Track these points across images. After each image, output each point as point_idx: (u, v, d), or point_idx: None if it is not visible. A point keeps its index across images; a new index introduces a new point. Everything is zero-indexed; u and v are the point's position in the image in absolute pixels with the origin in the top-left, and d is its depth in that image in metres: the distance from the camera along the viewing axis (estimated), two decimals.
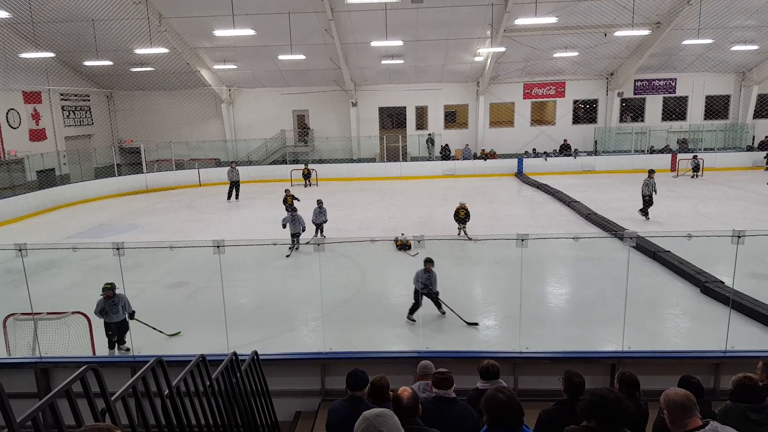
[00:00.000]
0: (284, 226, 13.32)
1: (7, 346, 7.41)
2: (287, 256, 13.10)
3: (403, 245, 13.14)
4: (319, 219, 14.38)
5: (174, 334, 8.73)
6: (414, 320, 8.82)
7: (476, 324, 8.81)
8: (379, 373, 4.06)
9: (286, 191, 16.93)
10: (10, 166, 21.37)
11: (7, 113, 21.35)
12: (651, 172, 16.30)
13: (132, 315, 8.20)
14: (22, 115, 22.16)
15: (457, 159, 26.73)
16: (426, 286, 8.84)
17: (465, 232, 14.17)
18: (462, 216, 14.17)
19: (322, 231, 14.52)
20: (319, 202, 14.64)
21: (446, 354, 6.32)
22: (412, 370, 5.87)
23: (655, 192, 15.75)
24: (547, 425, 3.66)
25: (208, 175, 25.09)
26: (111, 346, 8.09)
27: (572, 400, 3.69)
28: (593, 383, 4.02)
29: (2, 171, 21.02)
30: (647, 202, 15.80)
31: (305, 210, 16.12)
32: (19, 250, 6.40)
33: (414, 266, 11.76)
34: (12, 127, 21.55)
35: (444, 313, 9.13)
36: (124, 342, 8.26)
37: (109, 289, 7.98)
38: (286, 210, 16.04)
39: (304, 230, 13.37)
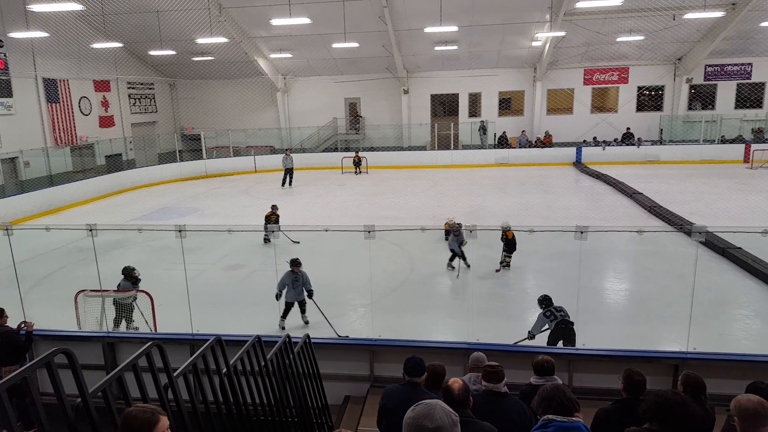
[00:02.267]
0: (278, 296, 8.40)
1: (78, 320, 7.89)
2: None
3: (450, 230, 11.87)
4: (455, 245, 11.18)
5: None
6: None
7: None
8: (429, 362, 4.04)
9: (272, 207, 13.85)
10: (82, 150, 22.74)
11: (80, 101, 22.65)
12: None
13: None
14: (93, 103, 23.47)
15: (513, 147, 26.09)
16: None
17: (507, 263, 11.13)
18: (510, 237, 10.90)
19: (464, 258, 11.23)
20: (456, 228, 11.29)
21: (498, 347, 6.20)
22: (462, 362, 5.83)
23: None
24: (605, 424, 3.53)
25: (263, 162, 25.70)
26: (116, 324, 8.31)
27: (632, 400, 3.55)
28: (654, 384, 3.85)
29: (75, 156, 22.37)
30: None
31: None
32: (90, 230, 6.78)
33: (466, 255, 11.61)
34: (84, 114, 22.88)
35: None
36: (133, 320, 8.52)
37: (131, 271, 8.41)
38: (265, 227, 12.47)
39: (310, 295, 8.51)
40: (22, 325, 6.22)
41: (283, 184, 21.75)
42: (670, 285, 9.84)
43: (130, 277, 8.42)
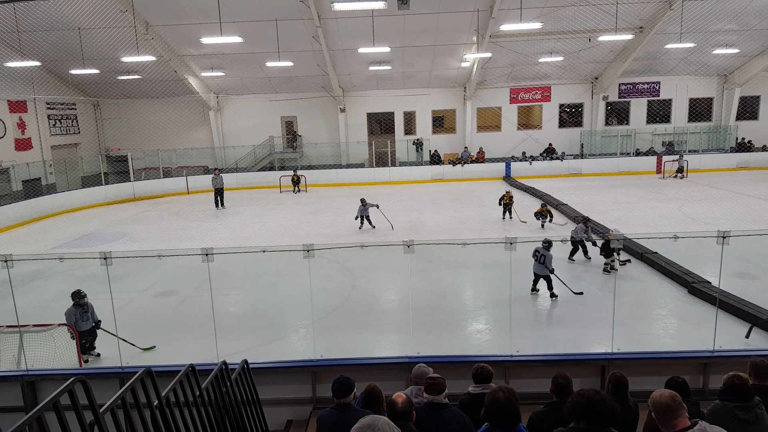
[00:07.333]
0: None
1: None
2: None
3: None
4: (364, 213, 16.30)
5: (148, 349, 8.26)
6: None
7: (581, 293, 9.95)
8: (371, 380, 4.06)
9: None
10: None
11: None
12: None
13: (98, 324, 8.27)
14: (7, 125, 21.89)
15: (445, 163, 26.90)
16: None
17: (512, 212, 16.44)
18: (507, 201, 16.30)
19: (369, 221, 16.29)
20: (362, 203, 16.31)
21: (438, 359, 6.33)
22: (404, 376, 5.90)
23: None
24: (537, 427, 3.69)
25: (195, 183, 24.94)
26: (83, 351, 8.00)
27: (561, 402, 3.72)
28: (584, 385, 4.07)
29: None
30: None
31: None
32: (5, 261, 6.32)
33: (405, 271, 11.77)
34: None
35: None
36: (94, 348, 8.29)
37: (83, 297, 8.05)
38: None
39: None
40: None
41: (217, 205, 21.19)
42: (595, 290, 10.44)
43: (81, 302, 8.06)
